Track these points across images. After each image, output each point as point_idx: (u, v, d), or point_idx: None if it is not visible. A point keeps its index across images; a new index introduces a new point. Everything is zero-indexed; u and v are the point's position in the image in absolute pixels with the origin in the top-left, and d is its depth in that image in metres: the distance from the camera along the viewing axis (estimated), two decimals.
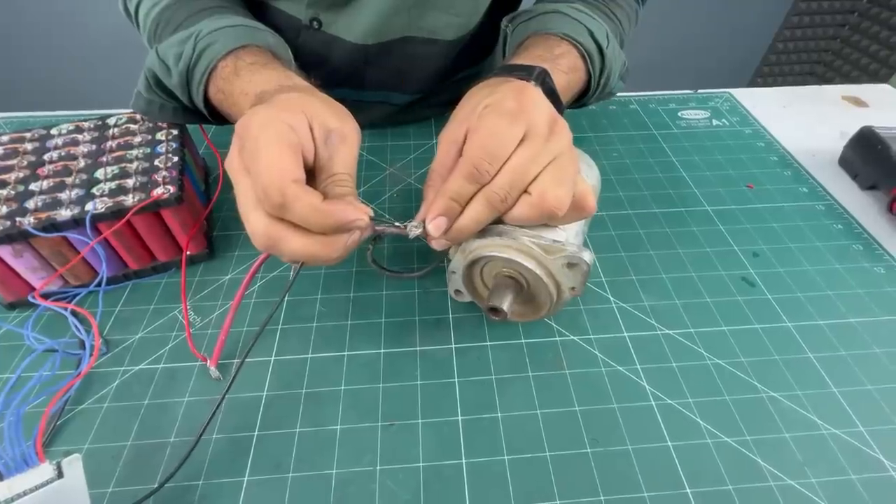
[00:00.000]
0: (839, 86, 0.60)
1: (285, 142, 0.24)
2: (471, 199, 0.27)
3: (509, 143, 0.26)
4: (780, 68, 1.75)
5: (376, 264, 0.38)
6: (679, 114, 0.55)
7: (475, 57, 0.54)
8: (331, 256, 0.24)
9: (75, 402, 0.30)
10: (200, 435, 0.27)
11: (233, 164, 0.25)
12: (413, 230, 0.27)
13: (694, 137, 0.52)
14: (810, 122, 0.55)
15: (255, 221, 0.24)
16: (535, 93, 0.28)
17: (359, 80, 0.49)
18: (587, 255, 0.27)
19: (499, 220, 0.28)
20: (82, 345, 0.32)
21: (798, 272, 0.38)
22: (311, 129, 0.26)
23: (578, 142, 0.46)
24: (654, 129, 0.53)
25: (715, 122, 0.54)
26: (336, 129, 0.26)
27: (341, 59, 0.47)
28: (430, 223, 0.27)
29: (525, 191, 0.26)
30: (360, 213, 0.24)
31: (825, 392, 0.31)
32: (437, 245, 0.28)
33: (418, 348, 0.33)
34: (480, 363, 0.32)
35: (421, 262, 0.39)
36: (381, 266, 0.38)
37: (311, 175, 0.26)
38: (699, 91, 0.59)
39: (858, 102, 0.57)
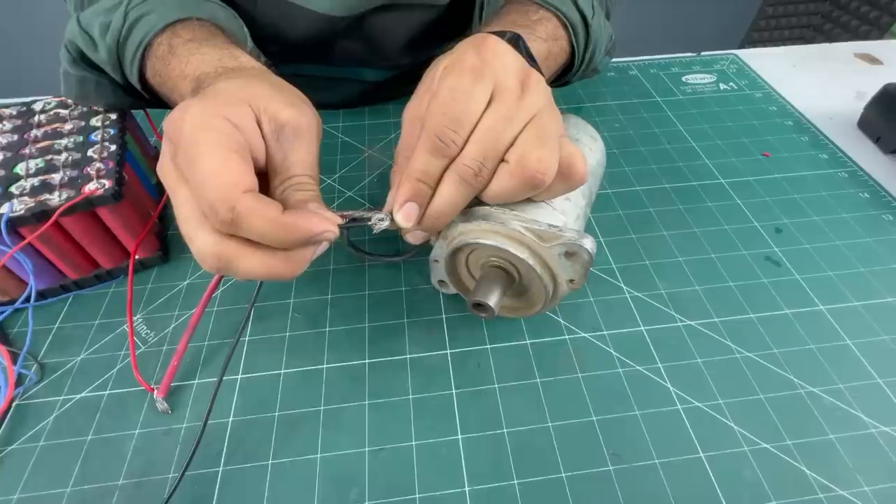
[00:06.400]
0: (850, 43, 0.56)
1: (229, 145, 0.19)
2: (441, 177, 0.22)
3: (474, 105, 0.22)
4: (769, 34, 1.70)
5: (355, 248, 0.34)
6: (683, 78, 0.50)
7: (462, 24, 0.49)
8: (294, 273, 0.20)
9: (2, 443, 0.25)
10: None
11: (165, 171, 0.20)
12: (379, 223, 0.23)
13: (701, 104, 0.47)
14: (823, 82, 0.50)
15: (201, 241, 0.19)
16: (497, 43, 0.24)
17: (327, 54, 0.43)
18: (588, 243, 0.23)
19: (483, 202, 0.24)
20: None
21: (826, 248, 0.34)
22: (260, 125, 0.21)
23: (575, 112, 0.41)
24: (658, 95, 0.48)
25: (722, 86, 0.49)
26: (289, 121, 0.21)
27: (306, 32, 0.41)
28: (399, 212, 0.22)
29: (502, 159, 0.22)
30: (327, 223, 0.20)
31: (869, 384, 0.28)
32: (412, 239, 0.24)
33: (408, 356, 0.29)
34: (481, 370, 0.28)
35: (406, 246, 0.34)
36: (361, 250, 0.34)
37: (263, 179, 0.22)
38: (702, 54, 0.54)
39: (872, 60, 0.53)
